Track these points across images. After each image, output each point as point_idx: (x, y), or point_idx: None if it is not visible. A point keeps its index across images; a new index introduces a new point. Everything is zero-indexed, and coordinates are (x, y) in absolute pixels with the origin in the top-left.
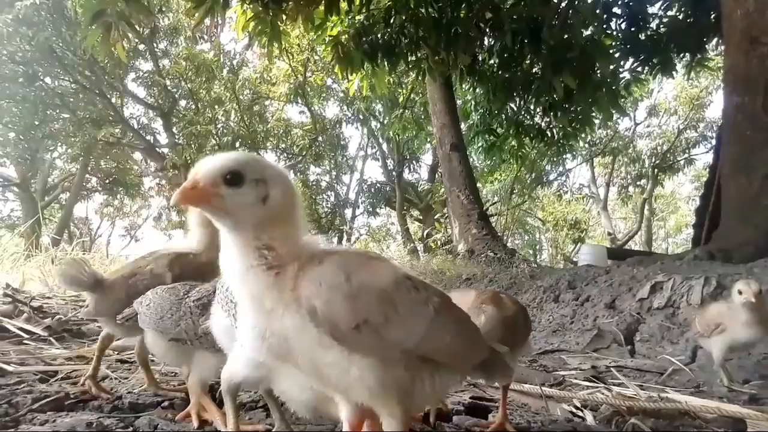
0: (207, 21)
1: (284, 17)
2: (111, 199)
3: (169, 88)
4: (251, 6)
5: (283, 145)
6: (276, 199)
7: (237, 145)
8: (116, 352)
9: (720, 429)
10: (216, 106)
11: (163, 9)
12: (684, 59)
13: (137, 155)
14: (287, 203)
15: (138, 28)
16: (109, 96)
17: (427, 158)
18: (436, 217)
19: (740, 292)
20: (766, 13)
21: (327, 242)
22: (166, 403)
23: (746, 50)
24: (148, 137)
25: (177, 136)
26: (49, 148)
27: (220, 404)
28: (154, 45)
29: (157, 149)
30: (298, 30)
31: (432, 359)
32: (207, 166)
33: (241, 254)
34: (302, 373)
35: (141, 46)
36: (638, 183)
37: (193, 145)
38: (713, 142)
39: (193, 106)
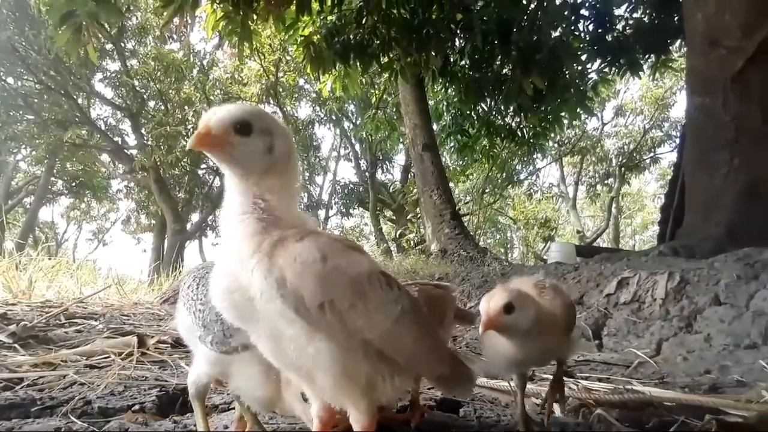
0: (176, 20)
1: (255, 17)
2: (77, 203)
3: (137, 88)
4: (221, 5)
5: None
6: (280, 150)
7: None
8: (85, 358)
9: (680, 417)
10: (186, 107)
11: (131, 8)
12: (649, 60)
13: (105, 157)
14: (289, 156)
15: (107, 29)
16: (75, 96)
17: (399, 158)
18: (408, 217)
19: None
20: (725, 16)
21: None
22: (136, 407)
23: (706, 52)
24: (115, 139)
25: (146, 138)
26: (12, 151)
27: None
28: (122, 44)
29: (126, 151)
30: (269, 30)
31: (391, 358)
32: (218, 115)
33: (241, 202)
34: (261, 348)
35: (108, 46)
36: (606, 182)
37: (162, 147)
38: (677, 141)
39: (163, 107)
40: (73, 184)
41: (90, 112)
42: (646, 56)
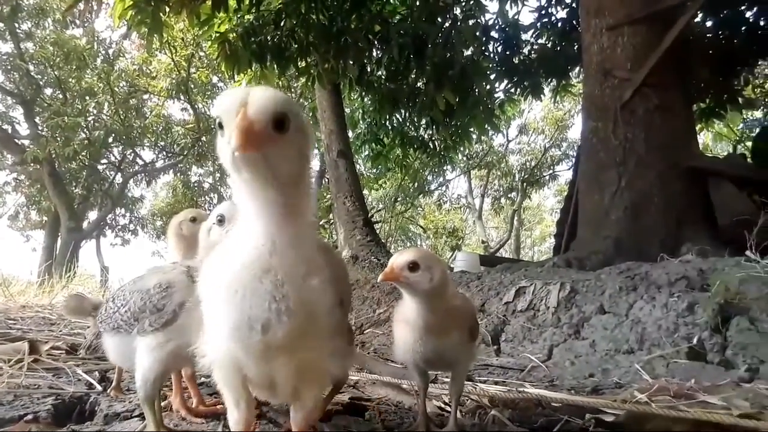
0: (80, 5)
1: (167, 9)
2: None
3: (32, 74)
4: None
5: (163, 143)
6: (309, 152)
7: (110, 140)
8: None
9: (564, 416)
10: (87, 97)
11: None
12: (551, 84)
13: None
14: (311, 158)
15: None
16: None
17: (314, 164)
18: (321, 222)
19: None
20: (617, 49)
21: None
22: (29, 416)
23: (601, 81)
24: (5, 127)
25: (40, 128)
26: None
27: None
28: (16, 25)
29: (16, 140)
30: (182, 23)
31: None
32: (259, 104)
33: (269, 208)
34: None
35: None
36: (509, 195)
37: (59, 138)
38: (573, 160)
39: (61, 96)
40: None
41: None
42: (549, 80)
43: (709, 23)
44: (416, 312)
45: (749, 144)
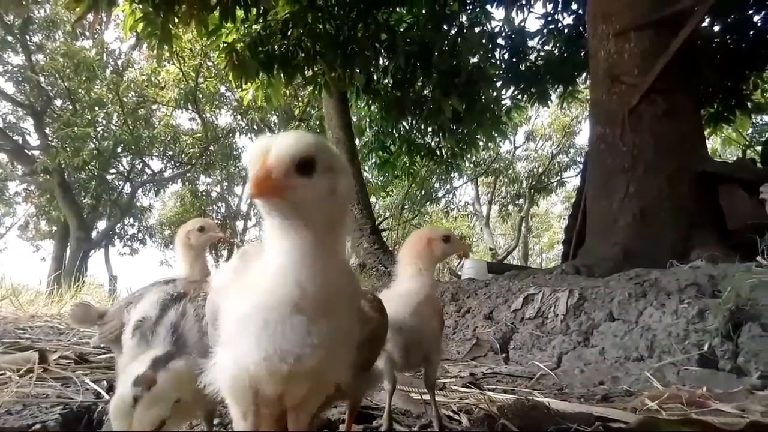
0: (90, 16)
1: (176, 20)
2: None
3: (43, 85)
4: (140, 6)
5: (171, 153)
6: (343, 192)
7: (119, 150)
8: None
9: (574, 424)
10: (96, 108)
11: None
12: (558, 90)
13: (2, 157)
14: (349, 198)
15: (7, 19)
16: None
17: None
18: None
19: None
20: (624, 55)
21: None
22: (37, 426)
23: (608, 87)
24: (15, 137)
25: (50, 138)
26: None
27: None
28: (27, 38)
29: (27, 151)
30: (190, 34)
31: None
32: (279, 151)
33: (301, 249)
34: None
35: (10, 38)
36: (516, 202)
37: (68, 148)
38: (581, 166)
39: (71, 107)
40: None
41: None
42: (555, 86)
43: (716, 28)
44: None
45: (759, 148)
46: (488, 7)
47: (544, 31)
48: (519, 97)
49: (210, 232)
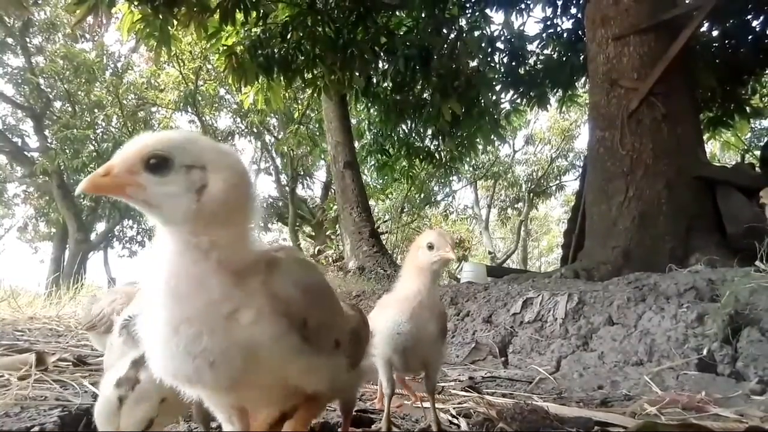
0: (89, 19)
1: (175, 22)
2: None
3: (42, 87)
4: (140, 7)
5: None
6: (216, 191)
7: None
8: None
9: (572, 429)
10: (96, 110)
11: (39, 1)
12: (557, 94)
13: (1, 158)
14: (232, 197)
15: (7, 21)
16: None
17: (320, 175)
18: (328, 233)
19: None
20: (623, 59)
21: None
22: (36, 428)
23: (607, 91)
24: (15, 139)
25: (50, 140)
26: None
27: None
28: (27, 40)
29: (26, 153)
30: (190, 36)
31: None
32: (126, 149)
33: (182, 253)
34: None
35: (10, 40)
36: (516, 206)
37: (68, 151)
38: (580, 170)
39: (70, 109)
40: None
41: None
42: (555, 90)
43: (714, 33)
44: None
45: (758, 153)
46: (487, 11)
47: (544, 35)
48: (518, 100)
49: None
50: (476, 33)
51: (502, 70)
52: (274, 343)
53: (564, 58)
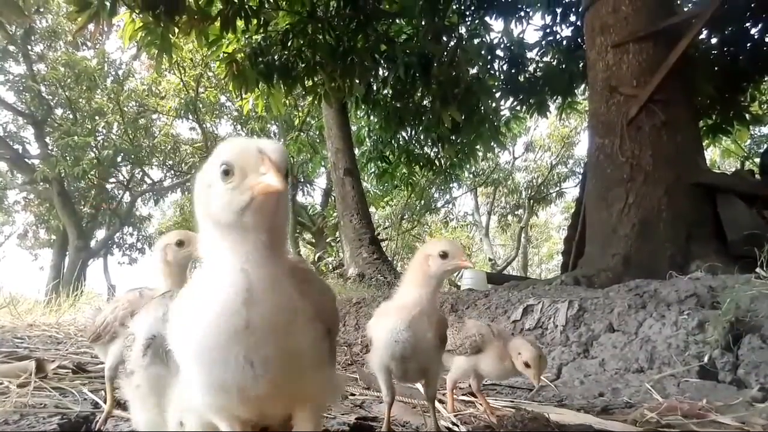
0: (91, 26)
1: (176, 30)
2: None
3: (44, 94)
4: (141, 15)
5: (171, 162)
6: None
7: (119, 159)
8: None
9: None
10: (97, 117)
11: (41, 9)
12: (556, 101)
13: (2, 165)
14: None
15: (8, 29)
16: None
17: (320, 182)
18: (327, 240)
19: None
20: (623, 66)
21: None
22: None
23: (606, 98)
24: (16, 146)
25: (50, 147)
26: None
27: None
28: (29, 47)
29: (27, 160)
30: (191, 44)
31: None
32: (278, 152)
33: (271, 258)
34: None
35: (12, 48)
36: (516, 212)
37: (68, 158)
38: (580, 177)
39: (71, 116)
40: None
41: None
42: (554, 97)
43: (714, 40)
44: None
45: (757, 160)
46: (487, 18)
47: (543, 42)
48: (518, 108)
49: (190, 247)
50: (476, 41)
51: (502, 77)
52: (311, 348)
53: (563, 66)
